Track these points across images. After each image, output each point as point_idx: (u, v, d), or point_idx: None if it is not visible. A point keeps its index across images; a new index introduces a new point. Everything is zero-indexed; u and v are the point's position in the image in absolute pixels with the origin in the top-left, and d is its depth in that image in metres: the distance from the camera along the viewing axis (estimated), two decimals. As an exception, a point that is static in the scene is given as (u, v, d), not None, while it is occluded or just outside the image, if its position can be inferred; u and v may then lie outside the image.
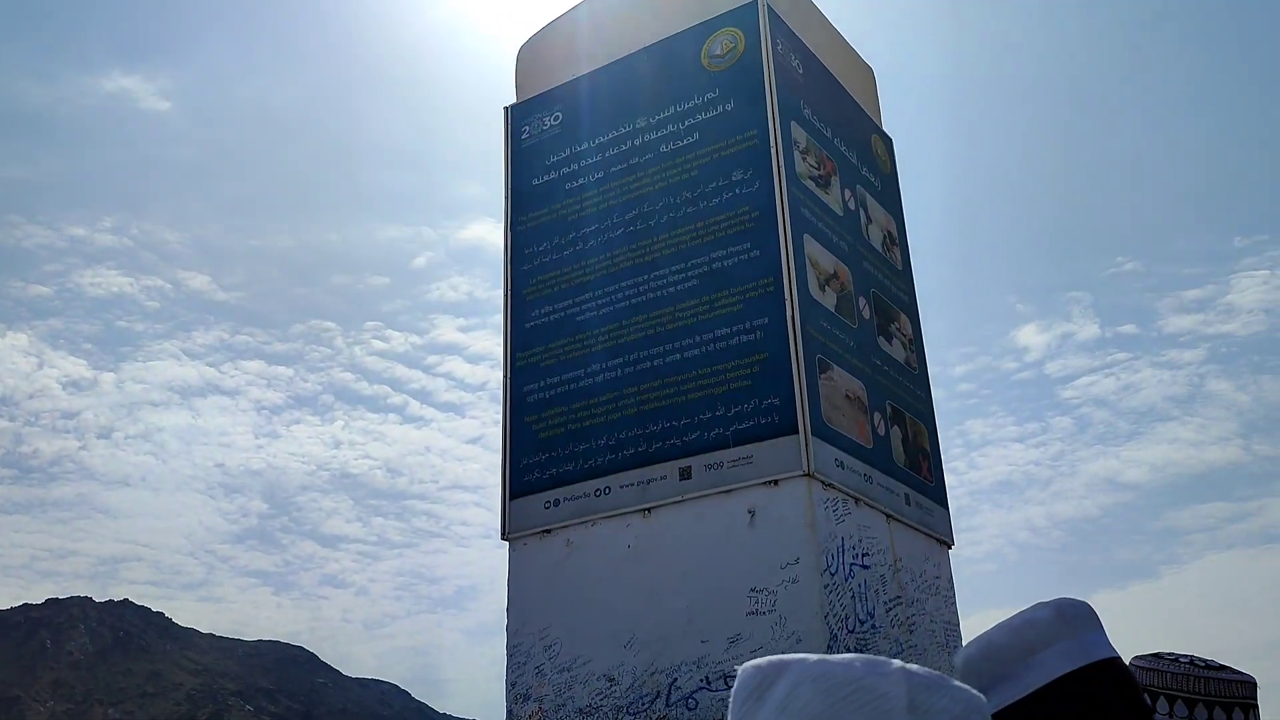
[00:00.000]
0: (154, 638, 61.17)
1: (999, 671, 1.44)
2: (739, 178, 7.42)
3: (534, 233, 8.31)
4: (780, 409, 6.73)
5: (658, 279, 7.53)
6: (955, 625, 7.91)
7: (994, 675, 1.45)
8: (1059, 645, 1.42)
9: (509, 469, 7.75)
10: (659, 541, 6.91)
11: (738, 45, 7.79)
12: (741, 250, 7.24)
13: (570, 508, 7.34)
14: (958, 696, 0.86)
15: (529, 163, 8.59)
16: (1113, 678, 1.42)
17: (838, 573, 6.53)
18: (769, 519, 6.56)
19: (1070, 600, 1.49)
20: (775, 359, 6.85)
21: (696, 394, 7.07)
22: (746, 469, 6.72)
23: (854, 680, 0.85)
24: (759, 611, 6.39)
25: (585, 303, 7.81)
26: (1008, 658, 1.44)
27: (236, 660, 63.00)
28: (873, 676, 0.86)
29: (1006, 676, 1.43)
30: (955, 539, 8.36)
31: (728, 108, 7.67)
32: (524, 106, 8.85)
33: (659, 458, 7.06)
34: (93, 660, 57.14)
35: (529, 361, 7.95)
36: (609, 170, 8.09)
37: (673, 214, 7.63)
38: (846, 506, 6.86)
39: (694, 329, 7.23)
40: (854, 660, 0.87)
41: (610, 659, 6.81)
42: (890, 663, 0.86)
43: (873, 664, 0.86)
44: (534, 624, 7.22)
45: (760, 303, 7.04)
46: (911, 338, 8.69)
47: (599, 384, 7.52)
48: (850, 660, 0.87)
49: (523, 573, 7.45)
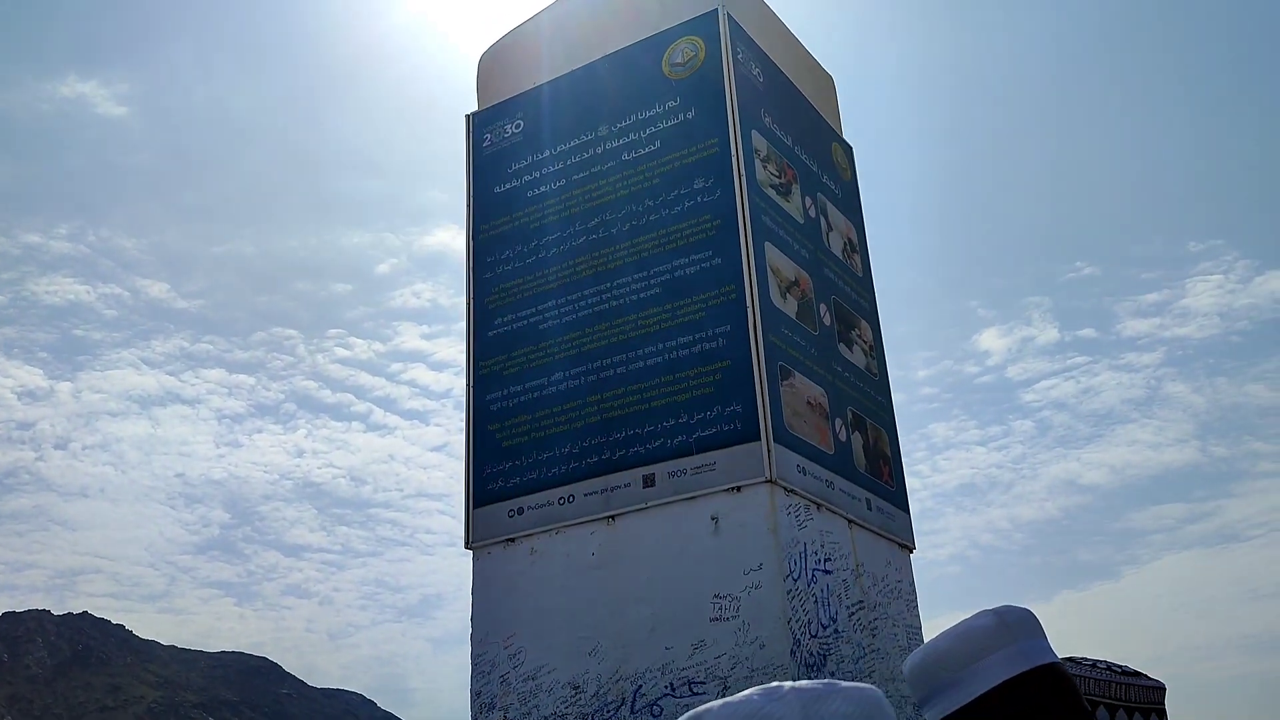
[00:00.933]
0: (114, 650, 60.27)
1: (943, 678, 1.48)
2: (700, 186, 7.47)
3: (496, 241, 8.31)
4: (742, 416, 6.77)
5: (620, 287, 7.55)
6: (917, 629, 7.99)
7: (938, 682, 1.48)
8: (1001, 652, 1.46)
9: (472, 478, 7.74)
10: (623, 549, 6.92)
11: (698, 54, 7.84)
12: (703, 258, 7.28)
13: (534, 516, 7.34)
14: (850, 697, 0.97)
15: (491, 170, 8.59)
16: (1053, 682, 1.46)
17: (800, 578, 6.58)
18: (732, 525, 6.59)
19: (1011, 607, 1.53)
20: (737, 366, 6.90)
21: (660, 401, 7.09)
22: (710, 476, 6.76)
23: (754, 713, 0.95)
24: (723, 618, 6.42)
25: (547, 311, 7.82)
26: (951, 665, 1.47)
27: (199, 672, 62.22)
28: (769, 704, 0.95)
29: (950, 683, 1.47)
30: (918, 542, 8.45)
31: (689, 116, 7.72)
32: (485, 114, 8.85)
33: (622, 465, 7.08)
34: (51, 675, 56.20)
35: (492, 370, 7.94)
36: (571, 178, 8.10)
37: (634, 222, 7.66)
38: (809, 512, 6.92)
39: (656, 337, 7.26)
40: (752, 694, 0.97)
41: (575, 667, 6.82)
42: (782, 686, 0.98)
43: (768, 692, 0.97)
44: (499, 633, 7.21)
45: (722, 310, 7.08)
46: (872, 344, 8.77)
47: (562, 392, 7.53)
48: (749, 694, 0.97)
49: (487, 581, 7.44)
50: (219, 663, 64.87)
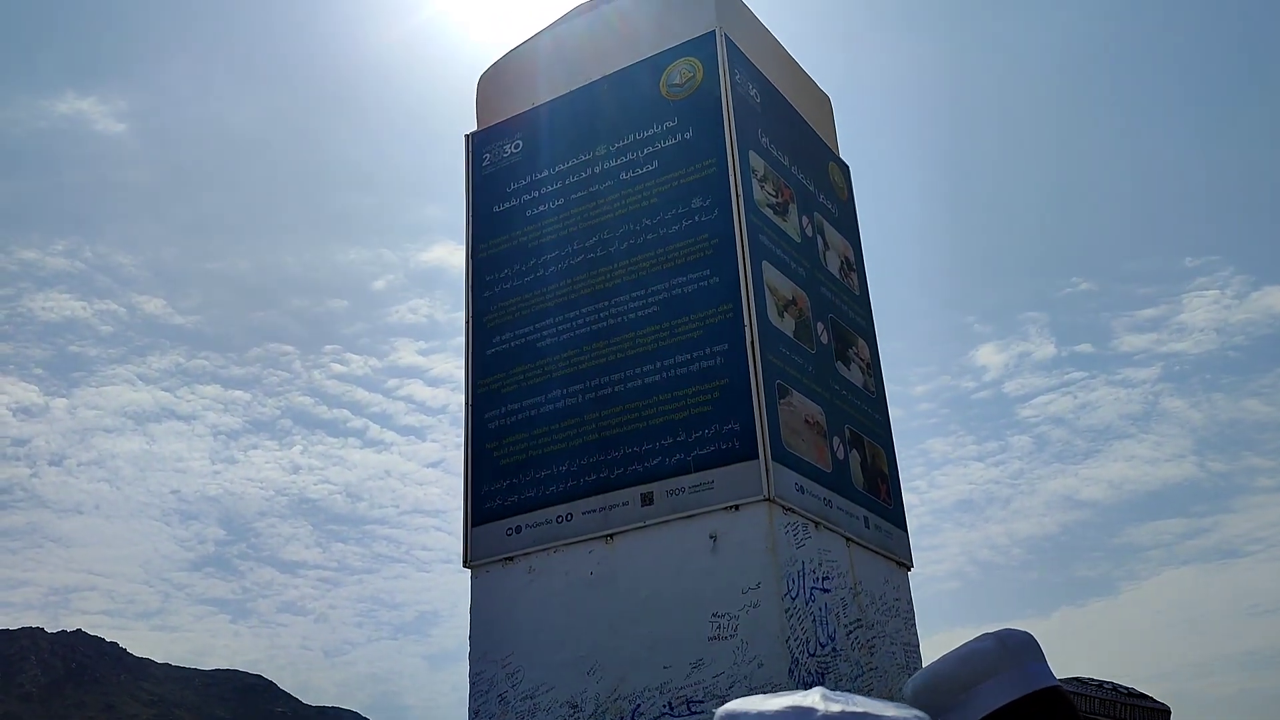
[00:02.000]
0: (108, 668, 59.97)
1: (944, 702, 1.49)
2: (698, 205, 7.51)
3: (495, 260, 8.35)
4: (740, 434, 6.79)
5: (618, 305, 7.58)
6: (915, 647, 7.99)
7: (939, 705, 1.50)
8: (1001, 675, 1.48)
9: (470, 496, 7.75)
10: (621, 568, 6.93)
11: (696, 75, 7.89)
12: (701, 277, 7.32)
13: (532, 535, 7.35)
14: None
15: (490, 190, 8.63)
16: (1054, 706, 1.48)
17: (798, 597, 6.59)
18: (730, 544, 6.60)
19: (1012, 631, 1.55)
20: (735, 385, 6.92)
21: (657, 420, 7.11)
22: (708, 494, 6.77)
23: None
24: (721, 637, 6.43)
25: (545, 329, 7.85)
26: (952, 688, 1.49)
27: (193, 690, 61.93)
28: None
29: (951, 706, 1.49)
30: (916, 559, 8.46)
31: (686, 136, 7.77)
32: (484, 134, 8.90)
33: (620, 484, 7.09)
34: (45, 692, 55.90)
35: (490, 388, 7.96)
36: (569, 197, 8.15)
37: (632, 241, 7.70)
38: (807, 531, 6.93)
39: (654, 355, 7.28)
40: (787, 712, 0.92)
41: (573, 686, 6.81)
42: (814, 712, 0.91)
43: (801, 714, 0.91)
44: (497, 652, 7.20)
45: (719, 329, 7.11)
46: (869, 362, 8.80)
47: (560, 410, 7.54)
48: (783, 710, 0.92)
49: (485, 601, 7.44)
50: (213, 680, 64.58)
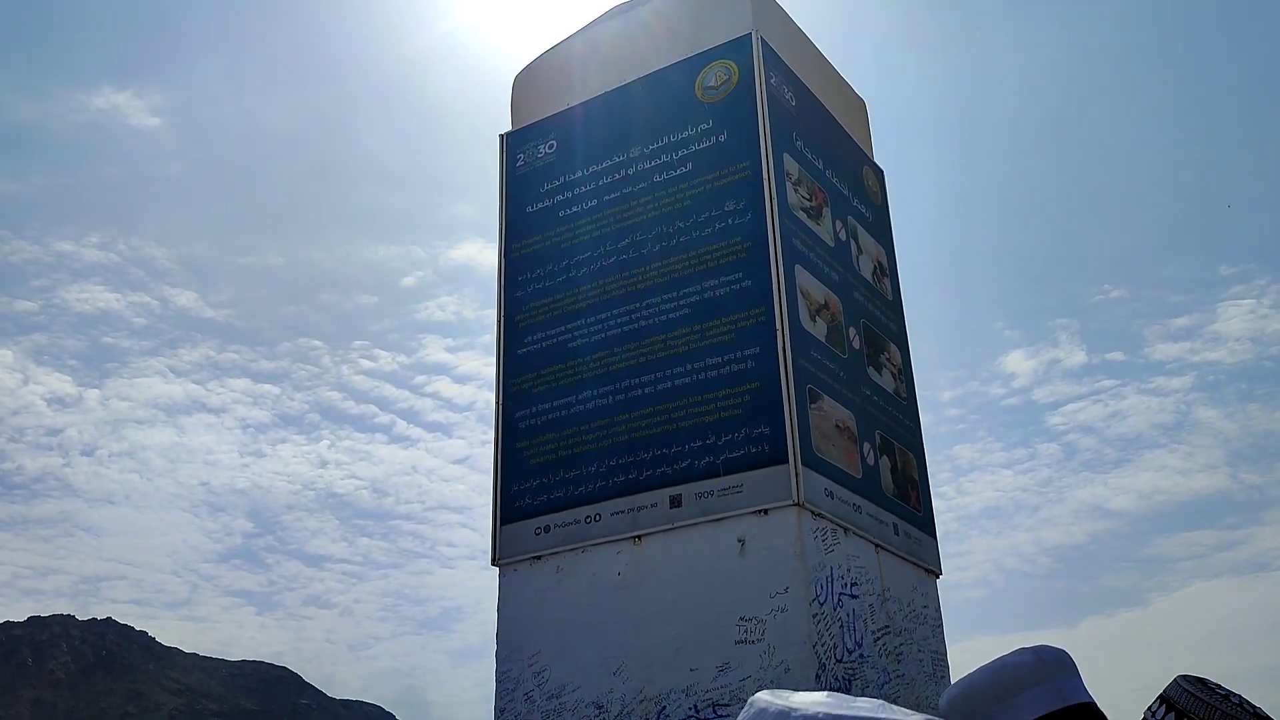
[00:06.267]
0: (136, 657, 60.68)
1: (979, 711, 1.50)
2: (731, 208, 7.51)
3: (527, 259, 8.38)
4: (770, 438, 6.78)
5: (650, 307, 7.59)
6: (943, 655, 7.95)
7: (974, 715, 1.50)
8: (1037, 689, 1.48)
9: (500, 494, 7.78)
10: (649, 569, 6.94)
11: (731, 77, 7.89)
12: (733, 280, 7.31)
13: (560, 534, 7.37)
14: None
15: (523, 190, 8.67)
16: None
17: (826, 602, 6.58)
18: (759, 548, 6.60)
19: (1048, 646, 1.55)
20: (766, 388, 6.91)
21: (687, 422, 7.12)
22: (737, 498, 6.77)
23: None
24: (748, 640, 6.43)
25: (577, 330, 7.87)
26: (988, 699, 1.50)
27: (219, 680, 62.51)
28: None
29: (986, 717, 1.49)
30: (943, 566, 8.42)
31: (721, 139, 7.77)
32: (519, 134, 8.94)
33: (649, 485, 7.10)
34: (74, 679, 56.64)
35: (521, 388, 8.00)
36: (602, 199, 8.17)
37: (665, 243, 7.70)
38: (835, 536, 6.91)
39: (685, 357, 7.29)
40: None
41: (599, 686, 6.83)
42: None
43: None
44: (524, 650, 7.24)
45: (751, 332, 7.10)
46: (901, 368, 8.76)
47: (590, 411, 7.56)
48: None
49: (513, 599, 7.47)
50: (239, 671, 65.16)
